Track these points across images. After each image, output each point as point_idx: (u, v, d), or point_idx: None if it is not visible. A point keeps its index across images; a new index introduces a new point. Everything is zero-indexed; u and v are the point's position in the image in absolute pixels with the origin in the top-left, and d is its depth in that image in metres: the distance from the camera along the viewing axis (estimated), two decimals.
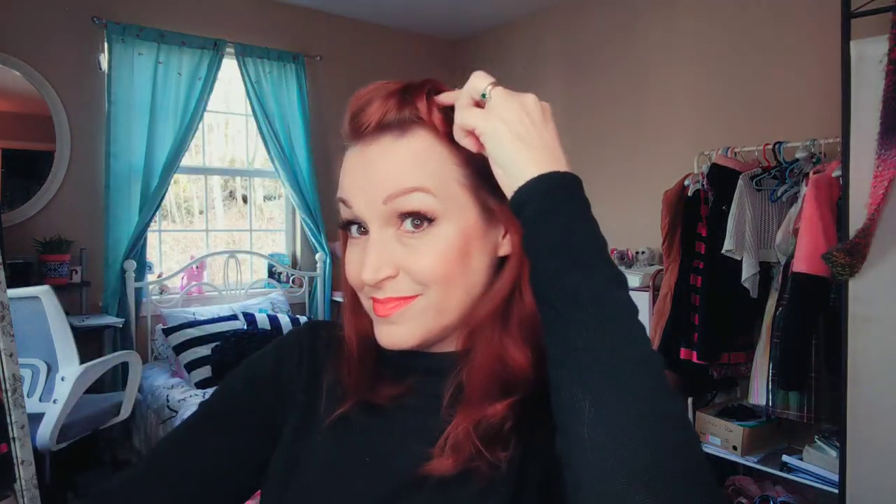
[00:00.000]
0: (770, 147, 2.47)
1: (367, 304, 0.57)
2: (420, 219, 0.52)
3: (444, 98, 0.53)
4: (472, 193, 0.54)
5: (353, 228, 0.56)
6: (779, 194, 2.37)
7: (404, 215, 0.52)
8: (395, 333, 0.54)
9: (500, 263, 0.57)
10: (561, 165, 0.48)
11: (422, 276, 0.52)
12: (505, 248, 0.57)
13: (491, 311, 0.55)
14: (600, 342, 0.42)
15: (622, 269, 3.01)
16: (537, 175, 0.47)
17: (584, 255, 0.45)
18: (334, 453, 0.59)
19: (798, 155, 2.33)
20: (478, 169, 0.53)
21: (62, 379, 2.28)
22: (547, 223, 0.46)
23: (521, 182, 0.47)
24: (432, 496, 0.52)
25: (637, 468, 0.38)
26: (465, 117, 0.50)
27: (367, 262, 0.52)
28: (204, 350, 3.09)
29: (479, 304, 0.56)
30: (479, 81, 0.51)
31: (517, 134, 0.48)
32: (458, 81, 0.53)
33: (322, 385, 0.62)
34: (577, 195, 0.48)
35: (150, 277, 3.48)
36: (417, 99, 0.53)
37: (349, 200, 0.54)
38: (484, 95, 0.50)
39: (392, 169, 0.52)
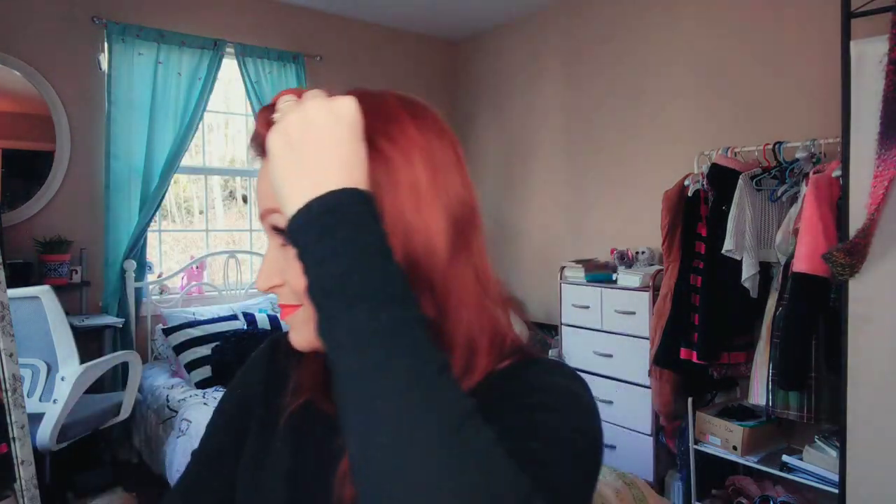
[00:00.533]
0: (770, 147, 2.47)
1: None
2: (281, 233, 0.52)
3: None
4: None
5: None
6: (779, 194, 2.37)
7: (273, 230, 0.54)
8: (294, 337, 0.55)
9: None
10: (323, 186, 0.42)
11: (296, 287, 0.51)
12: None
13: None
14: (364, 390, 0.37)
15: (622, 269, 3.03)
16: (295, 211, 0.43)
17: (345, 296, 0.40)
18: (289, 457, 0.61)
19: (798, 155, 2.33)
20: None
21: (62, 379, 2.28)
22: (310, 267, 0.42)
23: (288, 213, 0.44)
24: None
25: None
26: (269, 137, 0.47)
27: (259, 272, 0.55)
28: (204, 350, 3.10)
29: None
30: (285, 100, 0.48)
31: (280, 154, 0.45)
32: (459, 81, 0.52)
33: (280, 392, 0.64)
34: (344, 220, 0.42)
35: (150, 277, 3.48)
36: (267, 119, 0.51)
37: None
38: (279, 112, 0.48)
39: (261, 190, 0.54)
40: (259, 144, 0.53)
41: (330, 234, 0.41)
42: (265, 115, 0.51)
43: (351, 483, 0.46)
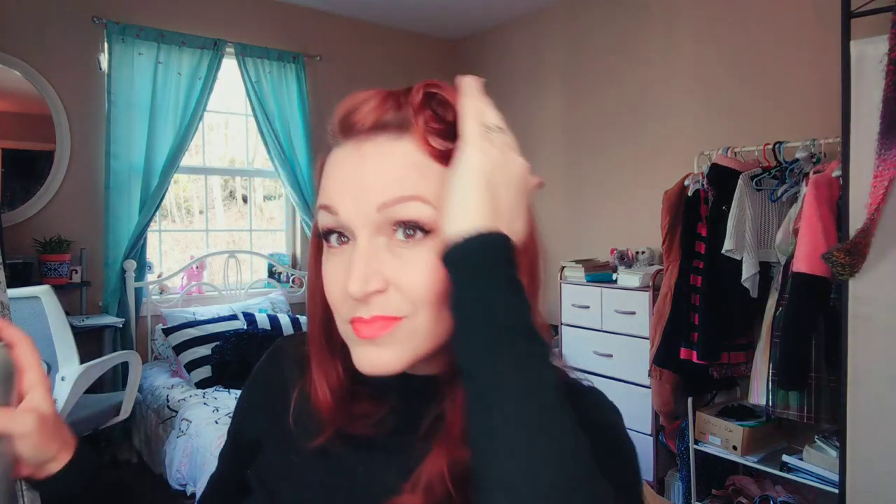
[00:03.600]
0: (770, 147, 2.47)
1: (345, 329, 0.50)
2: (414, 228, 0.47)
3: (446, 94, 0.49)
4: None
5: (333, 238, 0.50)
6: (779, 194, 2.37)
7: (398, 224, 0.47)
8: (380, 358, 0.48)
9: None
10: (509, 228, 0.45)
11: (413, 293, 0.47)
12: None
13: None
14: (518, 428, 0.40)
15: (622, 269, 3.03)
16: (483, 231, 0.43)
17: (514, 332, 0.42)
18: (314, 484, 0.56)
19: (798, 155, 2.32)
20: None
21: (62, 379, 2.28)
22: (480, 291, 0.42)
23: (463, 230, 0.43)
24: None
25: None
26: (466, 127, 0.46)
27: (354, 272, 0.46)
28: (204, 350, 3.10)
29: None
30: (492, 114, 0.47)
31: (489, 182, 0.44)
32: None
33: (289, 409, 0.58)
34: (511, 263, 0.44)
35: (150, 277, 3.48)
36: (418, 101, 0.48)
37: (335, 207, 0.48)
38: (490, 129, 0.47)
39: (390, 174, 0.47)
40: (400, 121, 0.48)
41: (508, 267, 0.43)
42: (421, 97, 0.49)
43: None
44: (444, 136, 0.48)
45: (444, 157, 0.47)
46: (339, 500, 0.54)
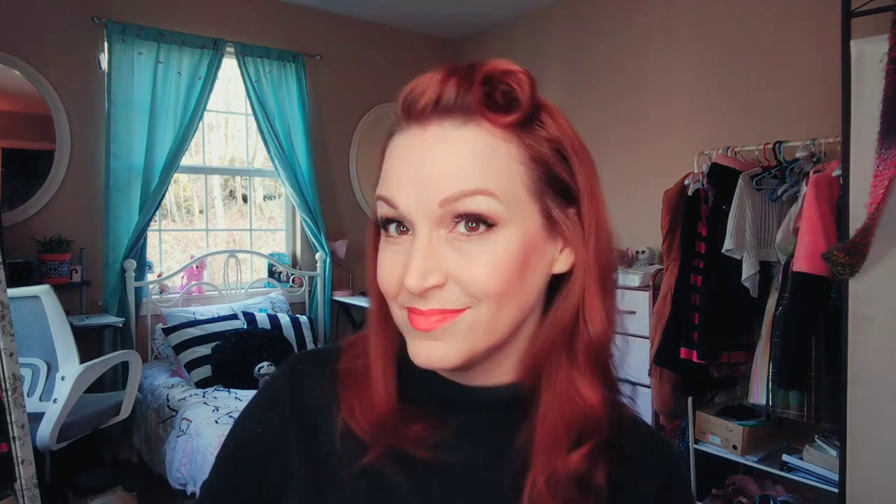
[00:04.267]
0: (770, 146, 2.47)
1: (400, 315, 0.48)
2: (477, 221, 0.45)
3: (513, 83, 0.47)
4: (535, 198, 0.47)
5: (392, 227, 0.48)
6: (779, 194, 2.37)
7: (461, 217, 0.45)
8: (435, 350, 0.46)
9: (552, 282, 0.51)
10: None
11: (475, 287, 0.45)
12: (561, 264, 0.50)
13: (555, 338, 0.49)
14: None
15: (622, 268, 3.03)
16: None
17: None
18: None
19: (798, 154, 2.33)
20: (545, 170, 0.47)
21: (62, 378, 2.28)
22: None
23: None
24: None
25: None
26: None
27: (412, 267, 0.44)
28: (204, 349, 3.10)
29: (538, 329, 0.50)
30: None
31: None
32: None
33: (323, 433, 0.53)
34: None
35: (150, 277, 3.48)
36: (486, 82, 0.46)
37: (394, 199, 0.46)
38: None
39: (453, 165, 0.44)
40: (465, 105, 0.45)
41: None
42: (488, 76, 0.46)
43: None
44: (508, 110, 0.46)
45: (511, 133, 0.46)
46: None
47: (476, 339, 0.46)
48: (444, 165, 0.44)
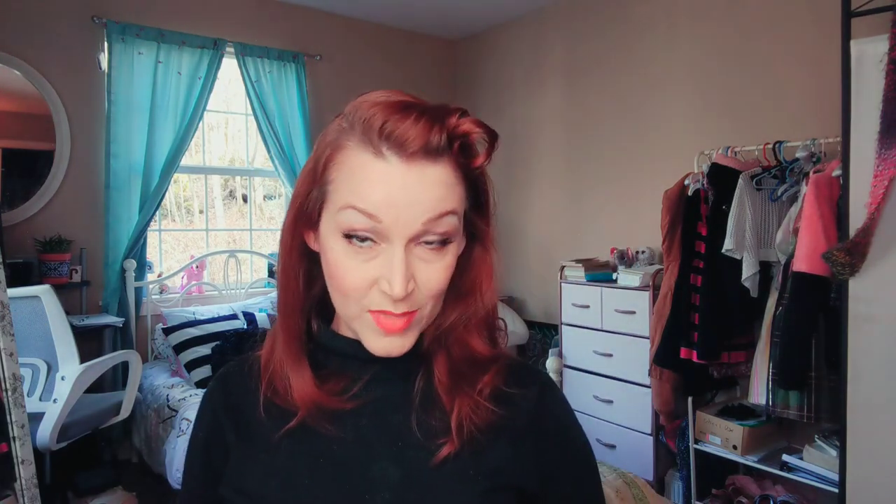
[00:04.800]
0: (770, 146, 2.47)
1: (358, 312, 0.58)
2: (443, 238, 0.56)
3: (478, 131, 0.56)
4: (464, 215, 0.59)
5: (358, 237, 0.55)
6: (779, 194, 2.37)
7: (433, 234, 0.55)
8: (395, 344, 0.57)
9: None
10: None
11: (431, 290, 0.56)
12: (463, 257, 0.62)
13: (462, 311, 0.63)
14: None
15: (622, 268, 3.03)
16: None
17: None
18: (293, 467, 0.60)
19: (798, 154, 2.33)
20: (474, 190, 0.60)
21: (62, 378, 2.28)
22: None
23: None
24: (446, 483, 0.58)
25: None
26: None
27: (397, 276, 0.54)
28: (204, 349, 3.10)
29: (447, 309, 0.63)
30: None
31: None
32: (458, 80, 0.53)
33: (250, 410, 0.64)
34: None
35: (150, 277, 3.48)
36: (453, 128, 0.55)
37: (379, 216, 0.54)
38: None
39: (434, 193, 0.54)
40: (440, 147, 0.54)
41: None
42: (452, 123, 0.55)
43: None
44: (474, 156, 0.57)
45: (466, 177, 0.58)
46: (326, 473, 0.59)
47: (421, 329, 0.60)
48: (428, 192, 0.54)
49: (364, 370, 0.62)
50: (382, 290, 0.55)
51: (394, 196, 0.53)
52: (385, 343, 0.57)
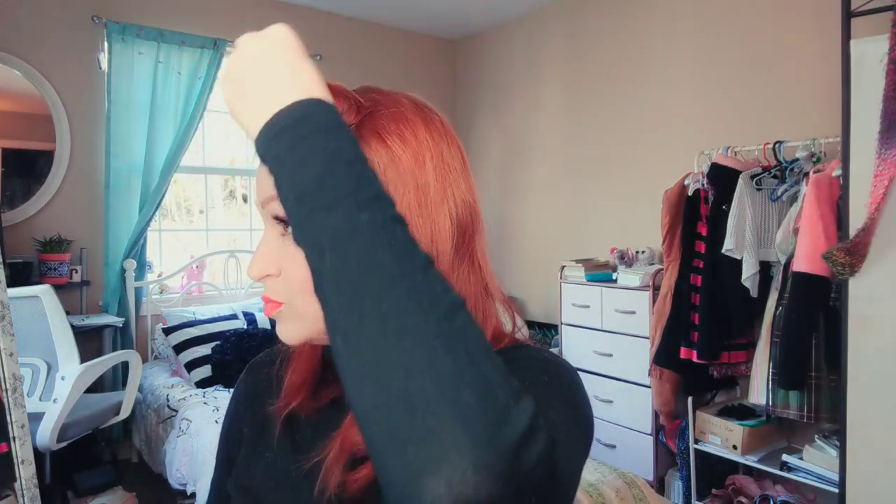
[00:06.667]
0: (770, 146, 2.47)
1: None
2: (284, 223, 0.51)
3: None
4: None
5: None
6: (779, 193, 2.37)
7: (275, 219, 0.52)
8: (282, 330, 0.54)
9: None
10: (282, 101, 0.42)
11: (293, 279, 0.51)
12: None
13: None
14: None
15: (622, 268, 3.03)
16: (259, 131, 0.43)
17: (319, 195, 0.39)
18: (282, 464, 0.60)
19: (798, 154, 2.33)
20: None
21: (62, 378, 2.28)
22: (284, 177, 0.41)
23: (254, 140, 0.44)
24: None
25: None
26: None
27: (254, 259, 0.53)
28: (204, 349, 3.10)
29: None
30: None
31: (232, 97, 0.45)
32: (458, 80, 0.52)
33: (267, 406, 0.63)
34: (301, 133, 0.41)
35: (150, 277, 3.48)
36: None
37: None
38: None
39: (259, 179, 0.52)
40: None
41: (301, 141, 0.41)
42: None
43: (338, 464, 0.52)
44: None
45: None
46: (294, 477, 0.58)
47: (307, 325, 0.53)
48: (259, 180, 0.52)
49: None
50: None
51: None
52: (278, 328, 0.55)
